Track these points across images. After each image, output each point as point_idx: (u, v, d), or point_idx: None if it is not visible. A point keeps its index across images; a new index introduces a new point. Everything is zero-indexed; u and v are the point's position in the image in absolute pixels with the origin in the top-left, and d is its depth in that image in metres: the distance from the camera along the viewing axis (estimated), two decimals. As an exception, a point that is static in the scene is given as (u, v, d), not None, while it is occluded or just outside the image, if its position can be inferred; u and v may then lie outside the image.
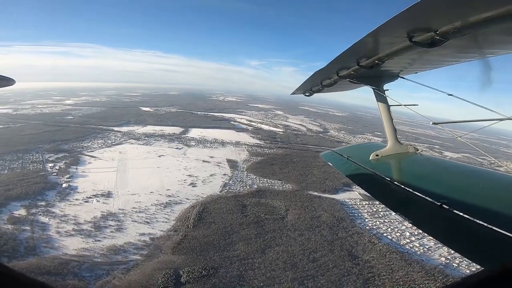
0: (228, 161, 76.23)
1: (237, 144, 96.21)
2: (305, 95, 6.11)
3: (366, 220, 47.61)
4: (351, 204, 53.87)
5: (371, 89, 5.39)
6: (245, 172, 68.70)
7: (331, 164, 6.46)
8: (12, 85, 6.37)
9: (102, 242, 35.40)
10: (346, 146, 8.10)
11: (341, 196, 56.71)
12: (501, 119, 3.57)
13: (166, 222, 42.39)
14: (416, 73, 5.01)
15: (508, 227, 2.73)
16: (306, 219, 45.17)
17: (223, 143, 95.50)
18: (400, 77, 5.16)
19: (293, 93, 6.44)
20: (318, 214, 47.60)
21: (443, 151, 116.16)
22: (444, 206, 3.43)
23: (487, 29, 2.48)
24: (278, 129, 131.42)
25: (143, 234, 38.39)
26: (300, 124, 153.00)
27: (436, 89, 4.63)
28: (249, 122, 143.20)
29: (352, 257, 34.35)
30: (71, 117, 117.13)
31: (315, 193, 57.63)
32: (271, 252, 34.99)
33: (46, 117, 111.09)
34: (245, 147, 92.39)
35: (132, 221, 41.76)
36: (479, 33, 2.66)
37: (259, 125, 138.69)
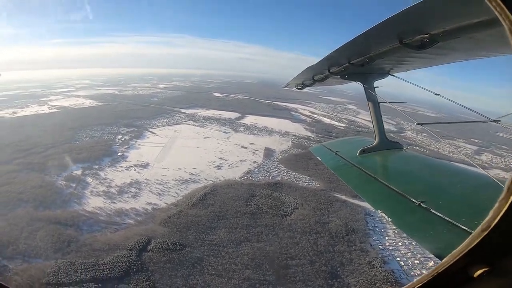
0: (266, 149, 75.40)
1: (285, 134, 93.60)
2: (297, 89, 6.31)
3: (386, 238, 38.96)
4: (379, 216, 44.88)
5: (361, 85, 5.39)
6: (277, 162, 66.66)
7: (320, 159, 6.49)
8: None
9: (115, 205, 42.00)
10: (335, 140, 8.22)
11: (372, 205, 47.92)
12: (485, 121, 3.61)
13: (174, 196, 46.34)
14: (406, 71, 5.09)
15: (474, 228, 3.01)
16: (309, 223, 40.67)
17: (270, 132, 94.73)
18: (391, 75, 5.19)
19: (285, 86, 6.58)
20: (328, 220, 42.00)
21: None
22: (422, 205, 3.48)
23: (477, 33, 2.51)
24: (340, 124, 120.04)
25: (150, 203, 43.29)
26: (370, 121, 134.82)
27: (425, 88, 4.67)
28: (310, 114, 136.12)
29: (331, 276, 29.00)
30: (155, 99, 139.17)
31: (342, 197, 50.69)
32: (246, 246, 33.53)
33: (138, 98, 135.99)
34: (292, 138, 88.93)
35: (149, 190, 47.57)
36: (469, 36, 2.66)
37: (320, 117, 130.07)
